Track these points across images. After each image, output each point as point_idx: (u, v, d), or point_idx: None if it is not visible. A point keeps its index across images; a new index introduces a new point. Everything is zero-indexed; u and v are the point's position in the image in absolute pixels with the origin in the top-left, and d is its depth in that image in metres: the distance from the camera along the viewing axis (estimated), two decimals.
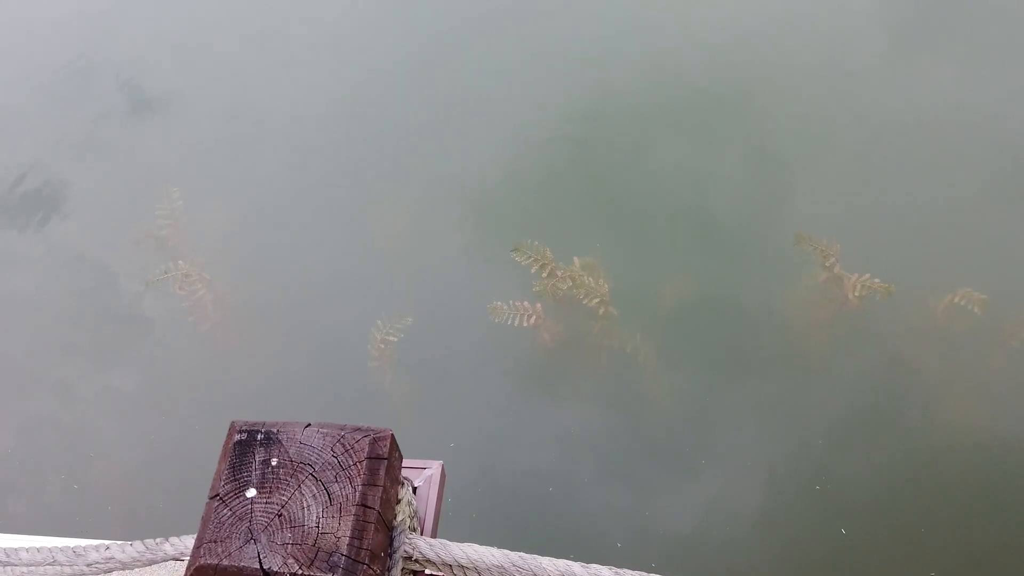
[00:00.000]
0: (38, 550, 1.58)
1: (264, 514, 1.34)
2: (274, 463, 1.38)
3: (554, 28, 6.23)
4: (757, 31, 5.99)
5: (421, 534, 1.58)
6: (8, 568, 1.60)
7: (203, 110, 6.07)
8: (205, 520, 1.35)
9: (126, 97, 6.18)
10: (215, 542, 1.32)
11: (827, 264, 4.75)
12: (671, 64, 5.87)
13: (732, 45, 5.94)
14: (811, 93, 5.68)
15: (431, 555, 1.48)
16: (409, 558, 1.48)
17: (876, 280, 4.59)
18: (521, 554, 1.46)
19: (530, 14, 6.33)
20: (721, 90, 5.73)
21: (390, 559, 1.43)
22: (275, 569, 1.29)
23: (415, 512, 1.56)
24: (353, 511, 1.34)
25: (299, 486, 1.36)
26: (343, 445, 1.39)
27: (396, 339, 4.82)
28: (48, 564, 1.55)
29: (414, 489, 1.64)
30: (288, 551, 1.31)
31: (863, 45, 5.84)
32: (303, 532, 1.32)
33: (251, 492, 1.36)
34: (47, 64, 6.45)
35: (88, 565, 1.54)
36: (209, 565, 1.30)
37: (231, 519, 1.34)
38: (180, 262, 5.20)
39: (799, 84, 5.74)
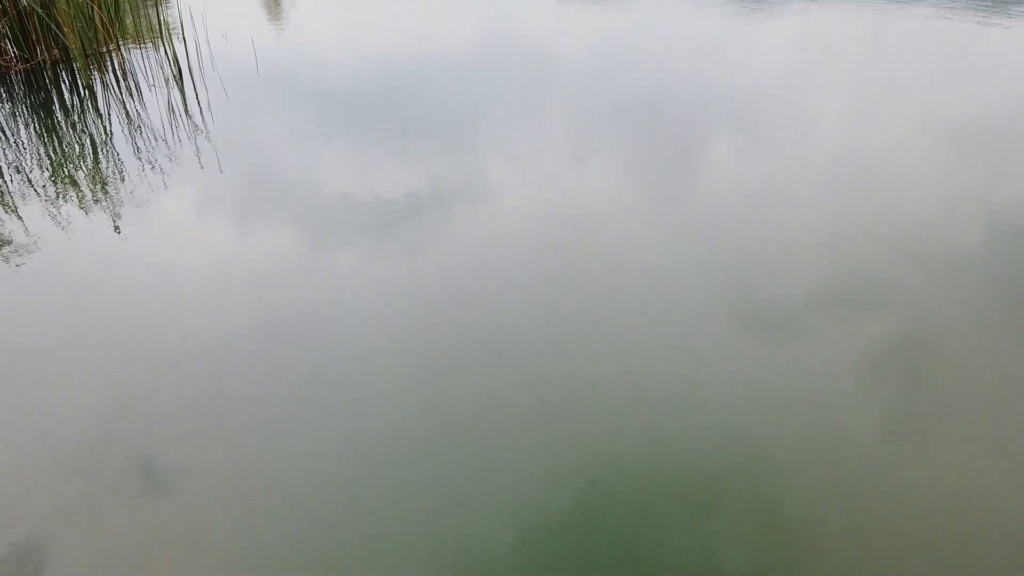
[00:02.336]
0: None
1: None
2: None
3: (556, 395, 5.91)
4: (763, 411, 5.58)
5: None
6: None
7: (208, 486, 5.16)
8: None
9: (132, 468, 5.35)
10: None
11: None
12: (676, 439, 5.41)
13: (739, 424, 5.53)
14: (823, 473, 5.14)
15: None
16: None
17: None
18: None
19: (530, 380, 5.94)
20: (727, 469, 5.16)
21: None
22: None
23: None
24: None
25: None
26: None
27: None
28: None
29: None
30: None
31: (866, 429, 5.37)
32: None
33: None
34: (63, 432, 5.78)
35: None
36: None
37: None
38: None
39: (809, 463, 5.29)
